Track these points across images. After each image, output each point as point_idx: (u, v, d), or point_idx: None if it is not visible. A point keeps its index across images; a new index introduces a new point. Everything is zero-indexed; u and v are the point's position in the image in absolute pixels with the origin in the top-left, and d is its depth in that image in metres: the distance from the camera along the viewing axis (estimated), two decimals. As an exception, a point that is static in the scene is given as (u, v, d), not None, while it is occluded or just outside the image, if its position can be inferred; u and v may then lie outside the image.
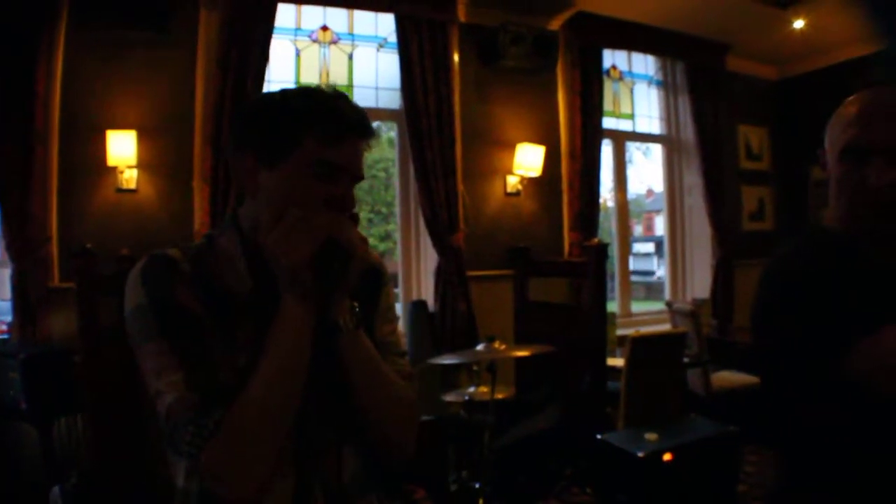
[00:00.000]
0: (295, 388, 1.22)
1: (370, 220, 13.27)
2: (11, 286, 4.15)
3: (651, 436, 3.36)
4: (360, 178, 1.34)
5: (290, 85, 5.13)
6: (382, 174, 12.76)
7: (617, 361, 4.78)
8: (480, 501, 3.49)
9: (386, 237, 12.37)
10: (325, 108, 1.27)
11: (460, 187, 5.24)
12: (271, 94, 1.34)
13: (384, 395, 1.34)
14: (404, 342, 4.49)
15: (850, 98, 1.50)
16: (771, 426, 1.60)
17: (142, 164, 4.40)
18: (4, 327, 4.60)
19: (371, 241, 8.50)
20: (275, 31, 4.72)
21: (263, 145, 1.28)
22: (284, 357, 1.22)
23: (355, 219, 1.31)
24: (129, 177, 4.38)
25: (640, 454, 3.22)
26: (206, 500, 1.21)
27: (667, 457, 3.19)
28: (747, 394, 4.96)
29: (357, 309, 1.32)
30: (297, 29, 5.21)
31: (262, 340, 1.23)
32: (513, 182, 5.61)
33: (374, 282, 1.48)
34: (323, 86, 1.35)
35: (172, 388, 1.17)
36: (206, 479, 1.17)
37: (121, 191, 4.38)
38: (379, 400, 1.33)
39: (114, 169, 4.34)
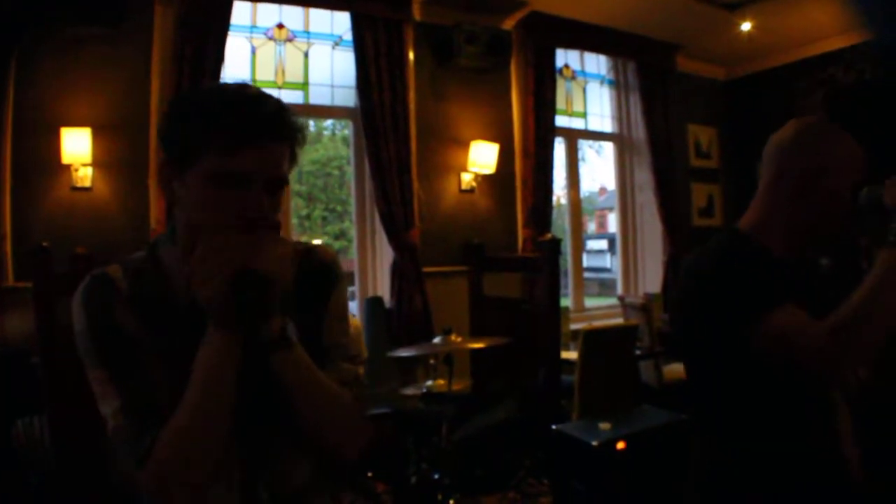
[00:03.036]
0: (219, 414, 1.21)
1: (325, 219, 13.20)
2: (-36, 286, 4.10)
3: (605, 426, 3.45)
4: (280, 179, 1.25)
5: (246, 83, 5.12)
6: (336, 172, 12.71)
7: (571, 355, 4.87)
8: (439, 494, 3.53)
9: (341, 235, 12.33)
10: (222, 112, 1.19)
11: (415, 185, 5.29)
12: (180, 97, 1.31)
13: (321, 405, 1.31)
14: (361, 340, 4.54)
15: (844, 137, 1.69)
16: (694, 404, 1.81)
17: (97, 162, 4.36)
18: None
19: (326, 239, 8.53)
20: (231, 28, 4.70)
21: (172, 153, 1.24)
22: (207, 385, 1.20)
23: (276, 227, 1.25)
24: (84, 175, 4.34)
25: (595, 443, 3.30)
26: None
27: (620, 445, 3.28)
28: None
29: (288, 326, 1.28)
30: (253, 26, 5.21)
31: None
32: (467, 179, 5.67)
33: (324, 281, 1.44)
34: (237, 83, 1.29)
35: (113, 415, 1.22)
36: (150, 499, 1.21)
37: (76, 189, 4.34)
38: (315, 411, 1.30)
39: (69, 167, 4.30)
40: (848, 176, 1.65)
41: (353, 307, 5.77)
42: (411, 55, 5.37)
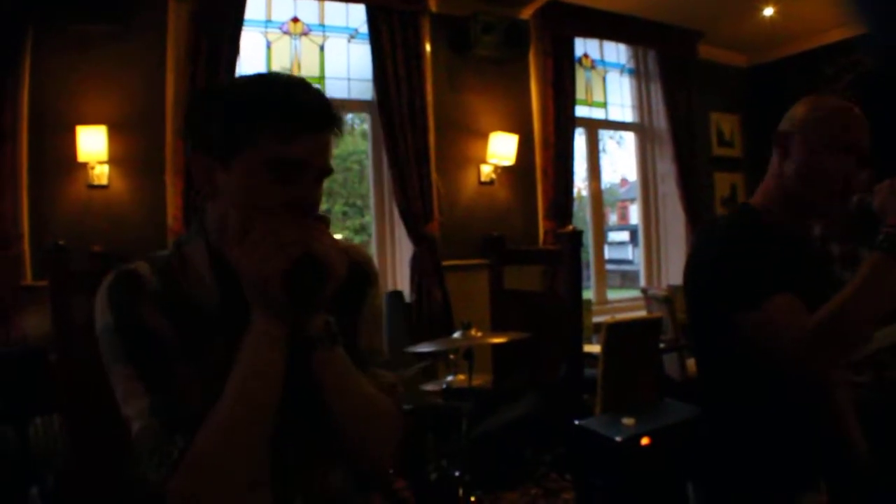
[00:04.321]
0: (264, 411, 1.15)
1: (345, 213, 13.18)
2: (-17, 285, 4.11)
3: (628, 421, 3.38)
4: (328, 171, 1.23)
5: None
6: (356, 167, 12.66)
7: (593, 348, 4.81)
8: (460, 490, 3.49)
9: (361, 230, 12.30)
10: (278, 99, 1.15)
11: (434, 177, 5.25)
12: (221, 85, 1.25)
13: (362, 412, 1.26)
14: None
15: (829, 99, 1.72)
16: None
17: (113, 160, 4.35)
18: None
19: (346, 233, 8.51)
20: (245, 22, 4.68)
21: (216, 143, 1.18)
22: (252, 379, 1.14)
23: (326, 221, 1.22)
24: (101, 172, 4.33)
25: (618, 439, 3.23)
26: None
27: (644, 441, 3.21)
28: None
29: (332, 323, 1.23)
30: (268, 21, 5.17)
31: (232, 358, 1.16)
32: (486, 171, 5.62)
33: (359, 283, 1.38)
34: (279, 72, 1.25)
35: (139, 415, 1.14)
36: None
37: (92, 187, 4.33)
38: (356, 417, 1.25)
39: (85, 165, 4.29)
40: (847, 154, 1.67)
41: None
42: (428, 47, 5.31)
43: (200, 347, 1.19)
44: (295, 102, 1.16)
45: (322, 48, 5.37)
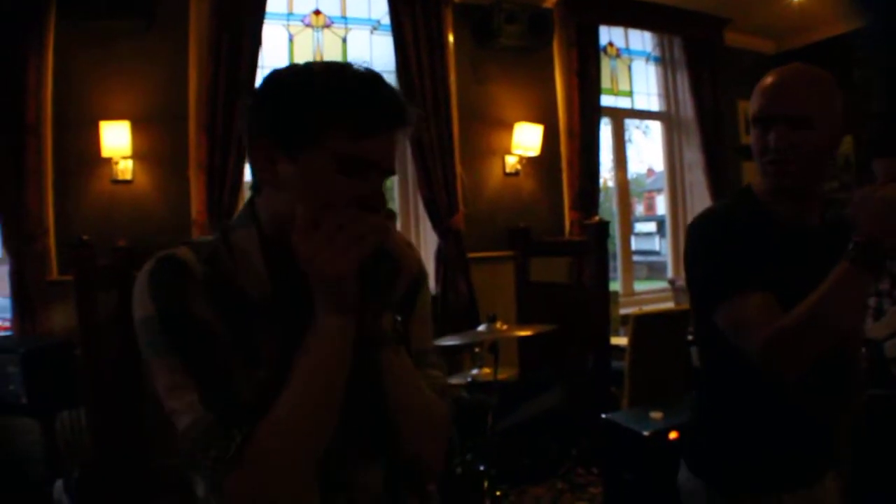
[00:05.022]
0: (330, 411, 1.11)
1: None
2: (10, 280, 4.14)
3: (656, 414, 3.33)
4: (393, 172, 1.19)
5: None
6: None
7: (620, 340, 4.76)
8: (485, 484, 3.47)
9: (387, 222, 12.33)
10: (356, 93, 1.11)
11: (458, 168, 5.21)
12: (294, 72, 1.17)
13: (420, 415, 1.23)
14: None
15: (768, 72, 1.67)
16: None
17: (137, 155, 4.37)
18: (7, 323, 4.59)
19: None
20: (266, 16, 4.68)
21: (284, 132, 1.13)
22: (320, 377, 1.10)
23: (393, 216, 1.19)
24: (125, 167, 4.35)
25: (646, 433, 3.19)
26: None
27: (672, 435, 3.17)
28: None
29: (399, 322, 1.20)
30: (290, 14, 5.17)
31: (284, 351, 1.12)
32: (511, 162, 5.57)
33: (412, 284, 1.33)
34: (355, 63, 1.18)
35: (189, 408, 1.07)
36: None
37: (116, 182, 4.35)
38: (414, 419, 1.22)
39: (109, 160, 4.31)
40: (828, 130, 1.61)
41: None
42: (451, 37, 5.27)
43: (250, 339, 1.14)
44: (373, 98, 1.12)
45: (344, 40, 5.35)
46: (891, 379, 2.17)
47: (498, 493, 3.49)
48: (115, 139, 4.25)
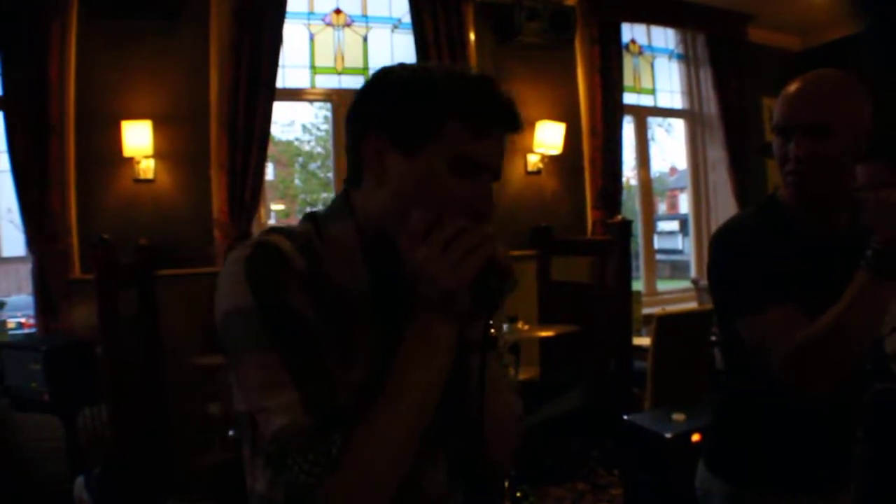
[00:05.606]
0: (427, 419, 1.07)
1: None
2: (33, 279, 4.19)
3: (679, 416, 3.30)
4: (499, 178, 1.17)
5: (305, 69, 5.11)
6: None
7: (643, 341, 4.73)
8: (506, 484, 3.45)
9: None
10: (476, 92, 1.10)
11: (480, 167, 5.17)
12: (411, 69, 1.15)
13: (504, 416, 1.22)
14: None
15: (792, 80, 1.65)
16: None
17: (158, 154, 4.39)
18: (32, 321, 4.63)
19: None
20: (287, 15, 4.68)
21: (401, 125, 1.10)
22: (422, 387, 1.06)
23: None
24: (146, 167, 4.37)
25: (668, 435, 3.16)
26: None
27: (695, 437, 3.13)
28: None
29: (493, 326, 1.18)
30: (311, 13, 5.17)
31: (380, 353, 1.08)
32: (533, 160, 5.54)
33: None
34: (470, 68, 1.18)
35: (284, 409, 1.01)
36: None
37: (138, 181, 4.38)
38: (499, 420, 1.20)
39: (130, 159, 4.33)
40: (850, 136, 1.56)
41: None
42: (472, 35, 5.25)
43: (346, 338, 1.10)
44: (493, 98, 1.11)
45: (365, 39, 5.34)
46: (892, 375, 2.12)
47: (518, 494, 3.48)
48: (137, 138, 4.27)
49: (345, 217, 1.17)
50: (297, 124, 13.62)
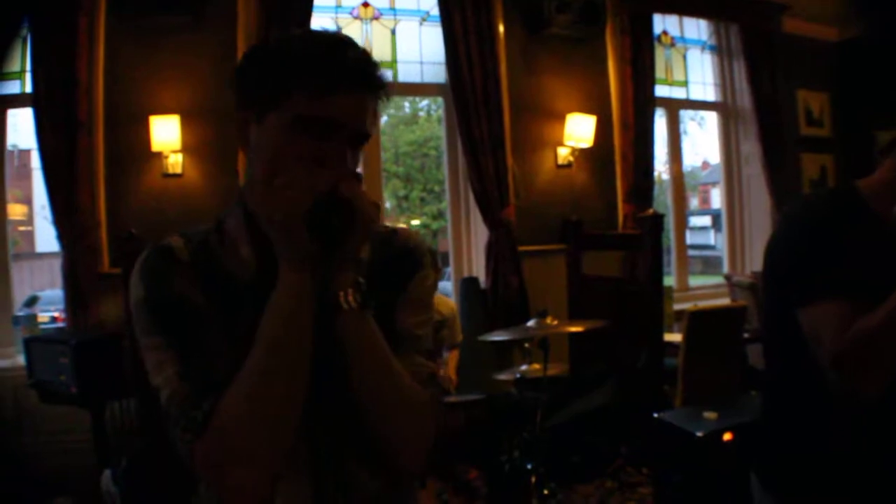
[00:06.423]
0: (294, 373, 1.09)
1: (422, 199, 13.27)
2: (63, 274, 4.23)
3: (710, 414, 3.25)
4: (364, 136, 1.17)
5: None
6: (434, 152, 12.74)
7: (674, 337, 4.68)
8: (533, 481, 3.43)
9: (438, 216, 12.37)
10: (314, 54, 1.12)
11: (510, 161, 5.16)
12: (268, 40, 1.23)
13: (388, 394, 1.16)
14: (457, 323, 4.45)
15: None
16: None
17: (186, 149, 4.41)
18: (62, 315, 4.67)
19: (424, 219, 8.53)
20: (314, 9, 4.68)
21: (252, 98, 1.16)
22: (278, 333, 1.08)
23: (359, 177, 1.16)
24: (175, 161, 4.40)
25: (699, 434, 3.11)
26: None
27: (727, 436, 3.08)
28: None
29: (363, 284, 1.14)
30: (338, 7, 5.17)
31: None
32: (564, 154, 5.49)
33: (404, 265, 1.30)
34: (327, 30, 1.22)
35: (168, 382, 1.10)
36: (201, 479, 1.12)
37: (167, 176, 4.41)
38: (381, 398, 1.16)
39: (159, 154, 4.36)
40: None
41: (448, 288, 5.70)
42: (501, 27, 5.21)
43: (233, 317, 1.15)
44: (331, 59, 1.12)
45: (393, 32, 5.32)
46: None
47: (546, 491, 3.44)
48: (165, 133, 4.30)
49: (238, 206, 1.23)
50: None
